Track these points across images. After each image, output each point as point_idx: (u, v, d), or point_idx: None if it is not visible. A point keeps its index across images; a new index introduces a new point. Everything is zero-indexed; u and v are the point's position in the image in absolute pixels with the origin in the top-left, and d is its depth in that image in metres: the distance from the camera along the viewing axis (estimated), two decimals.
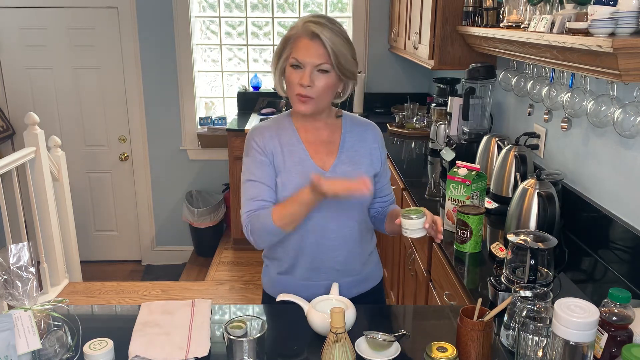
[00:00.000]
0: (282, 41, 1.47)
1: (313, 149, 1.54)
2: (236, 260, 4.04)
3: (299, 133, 1.54)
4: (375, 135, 1.61)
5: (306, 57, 1.41)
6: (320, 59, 1.41)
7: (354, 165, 1.54)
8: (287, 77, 1.46)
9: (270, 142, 1.52)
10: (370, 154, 1.59)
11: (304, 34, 1.41)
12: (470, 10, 2.55)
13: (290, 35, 1.45)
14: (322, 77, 1.43)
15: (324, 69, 1.42)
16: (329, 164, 1.53)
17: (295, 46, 1.42)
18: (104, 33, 4.23)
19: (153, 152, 4.49)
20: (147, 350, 1.24)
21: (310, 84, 1.42)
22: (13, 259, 1.21)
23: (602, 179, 1.85)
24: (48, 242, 3.36)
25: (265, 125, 1.57)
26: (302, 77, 1.41)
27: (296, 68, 1.43)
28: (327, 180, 1.34)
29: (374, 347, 1.24)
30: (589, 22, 1.39)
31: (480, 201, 2.00)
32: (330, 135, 1.56)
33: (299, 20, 1.46)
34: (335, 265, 1.56)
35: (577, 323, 0.98)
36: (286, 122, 1.56)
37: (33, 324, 1.16)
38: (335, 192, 1.33)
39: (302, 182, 1.47)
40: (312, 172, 1.45)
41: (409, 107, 3.93)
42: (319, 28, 1.40)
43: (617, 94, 1.68)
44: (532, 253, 1.40)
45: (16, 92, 4.32)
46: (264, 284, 1.70)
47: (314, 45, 1.40)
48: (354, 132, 1.58)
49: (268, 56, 4.52)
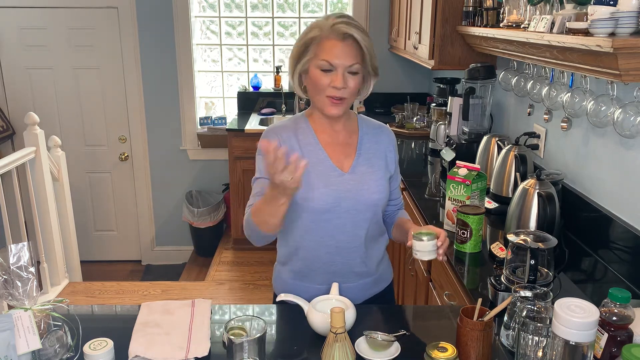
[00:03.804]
0: (302, 43, 1.43)
1: (331, 150, 1.52)
2: (236, 260, 4.04)
3: (316, 134, 1.53)
4: (390, 139, 1.61)
5: (339, 59, 1.38)
6: (352, 59, 1.40)
7: (371, 167, 1.54)
8: (315, 79, 1.42)
9: (288, 141, 1.50)
10: (386, 156, 1.58)
11: (333, 35, 1.39)
12: (470, 10, 2.55)
13: (314, 37, 1.41)
14: (353, 78, 1.42)
15: (355, 70, 1.41)
16: (348, 165, 1.52)
17: (323, 48, 1.40)
18: (104, 33, 4.23)
19: (153, 152, 4.49)
20: (147, 350, 1.24)
21: (345, 86, 1.40)
22: (13, 259, 1.21)
23: (602, 179, 1.85)
24: (48, 242, 3.36)
25: (282, 125, 1.55)
26: (334, 79, 1.39)
27: (326, 70, 1.40)
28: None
29: (374, 347, 1.24)
30: (589, 22, 1.39)
31: (480, 201, 2.00)
32: (348, 137, 1.55)
33: (321, 21, 1.42)
34: (353, 268, 1.55)
35: (577, 323, 0.98)
36: (303, 123, 1.54)
37: (33, 324, 1.16)
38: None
39: (321, 184, 1.46)
40: (332, 174, 1.46)
41: (409, 107, 3.93)
42: (350, 28, 1.38)
43: (617, 94, 1.68)
44: (532, 253, 1.40)
45: (16, 92, 4.32)
46: (276, 289, 1.66)
47: (345, 46, 1.39)
48: (370, 134, 1.58)
49: (268, 56, 4.52)
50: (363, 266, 1.56)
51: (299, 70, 1.46)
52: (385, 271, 1.67)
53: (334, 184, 1.48)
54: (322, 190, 1.47)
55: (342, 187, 1.49)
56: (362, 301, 1.58)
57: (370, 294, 1.61)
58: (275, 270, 1.67)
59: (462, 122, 2.77)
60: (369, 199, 1.50)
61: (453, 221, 1.95)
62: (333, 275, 1.54)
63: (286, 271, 1.60)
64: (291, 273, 1.59)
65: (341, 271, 1.54)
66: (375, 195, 1.51)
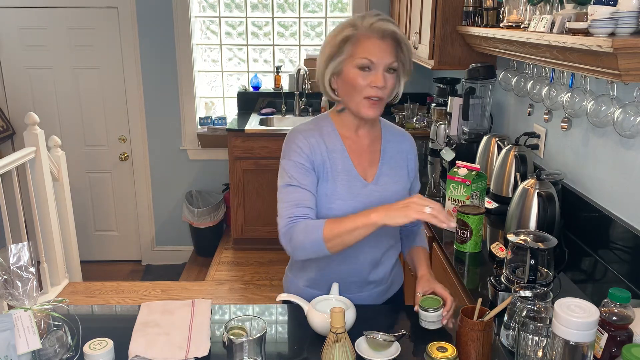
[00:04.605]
0: (336, 42, 1.37)
1: (356, 157, 1.47)
2: (236, 260, 4.04)
3: (342, 139, 1.47)
4: (411, 146, 1.58)
5: (380, 57, 1.34)
6: (392, 57, 1.36)
7: (394, 177, 1.50)
8: (352, 79, 1.36)
9: (317, 148, 1.43)
10: (407, 165, 1.55)
11: (373, 33, 1.34)
12: (470, 10, 2.55)
13: (349, 35, 1.35)
14: (391, 77, 1.38)
15: (394, 68, 1.38)
16: (372, 175, 1.48)
17: (362, 46, 1.34)
18: (104, 33, 4.23)
19: (153, 152, 4.49)
20: (147, 350, 1.24)
21: (385, 85, 1.37)
22: (13, 259, 1.21)
23: (602, 179, 1.85)
24: (48, 242, 3.36)
25: (308, 129, 1.47)
26: (374, 78, 1.35)
27: (364, 70, 1.35)
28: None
29: (374, 347, 1.24)
30: (589, 22, 1.39)
31: (480, 201, 2.00)
32: (372, 144, 1.50)
33: (354, 20, 1.37)
34: (368, 278, 1.52)
35: (577, 323, 0.98)
36: (329, 127, 1.47)
37: (33, 324, 1.16)
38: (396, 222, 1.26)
39: (346, 193, 1.42)
40: (356, 184, 1.43)
41: (409, 107, 3.93)
42: (389, 25, 1.35)
43: (617, 94, 1.68)
44: (532, 253, 1.40)
45: (16, 92, 4.32)
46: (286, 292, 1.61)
47: (385, 44, 1.35)
48: (392, 141, 1.54)
49: (268, 56, 4.52)
50: (378, 275, 1.54)
51: (330, 71, 1.40)
52: (397, 276, 1.65)
53: (359, 195, 1.44)
54: (347, 201, 1.42)
55: (366, 199, 1.44)
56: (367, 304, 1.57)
57: (383, 300, 1.60)
58: (287, 277, 1.62)
59: (462, 122, 2.77)
60: None
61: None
62: (349, 285, 1.50)
63: (299, 278, 1.57)
64: (305, 281, 1.55)
65: (358, 282, 1.52)
66: None
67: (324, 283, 1.50)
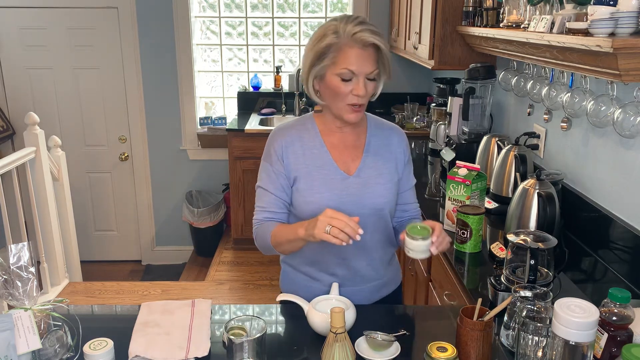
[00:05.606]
0: (318, 48, 1.39)
1: (337, 152, 1.51)
2: (236, 260, 4.04)
3: (322, 136, 1.51)
4: (400, 140, 1.58)
5: (361, 68, 1.37)
6: (372, 67, 1.39)
7: (378, 170, 1.52)
8: (334, 87, 1.40)
9: (291, 147, 1.49)
10: (395, 158, 1.56)
11: (355, 43, 1.35)
12: (470, 10, 2.55)
13: (331, 43, 1.36)
14: (371, 84, 1.42)
15: (374, 77, 1.41)
16: (354, 168, 1.50)
17: (344, 56, 1.36)
18: (104, 33, 4.23)
19: (153, 152, 4.49)
20: (147, 350, 1.24)
21: (366, 92, 1.40)
22: (13, 259, 1.21)
23: (602, 179, 1.85)
24: (48, 242, 3.36)
25: (289, 125, 1.54)
26: (356, 87, 1.38)
27: (345, 80, 1.38)
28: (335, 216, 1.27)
29: (374, 347, 1.24)
30: (589, 22, 1.39)
31: (480, 201, 2.00)
32: (356, 139, 1.53)
33: (337, 25, 1.37)
34: (358, 272, 1.54)
35: (577, 323, 0.98)
36: (310, 125, 1.53)
37: (33, 324, 1.16)
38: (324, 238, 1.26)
39: (324, 187, 1.46)
40: (335, 177, 1.46)
41: (409, 107, 3.94)
42: (373, 37, 1.36)
43: (617, 94, 1.68)
44: (532, 253, 1.40)
45: (16, 92, 4.32)
46: (283, 289, 1.65)
47: (366, 55, 1.37)
48: (378, 135, 1.56)
49: (268, 56, 4.52)
50: (369, 270, 1.55)
51: (313, 76, 1.43)
52: (393, 274, 1.65)
53: (337, 188, 1.47)
54: (325, 194, 1.46)
55: (345, 191, 1.47)
56: (368, 304, 1.57)
57: (378, 297, 1.60)
58: (283, 271, 1.66)
59: (462, 122, 2.77)
60: (372, 203, 1.48)
61: (453, 221, 1.95)
62: (338, 278, 1.53)
63: (293, 271, 1.60)
64: (297, 274, 1.58)
65: (347, 275, 1.53)
66: (380, 199, 1.49)
67: (314, 275, 1.55)
